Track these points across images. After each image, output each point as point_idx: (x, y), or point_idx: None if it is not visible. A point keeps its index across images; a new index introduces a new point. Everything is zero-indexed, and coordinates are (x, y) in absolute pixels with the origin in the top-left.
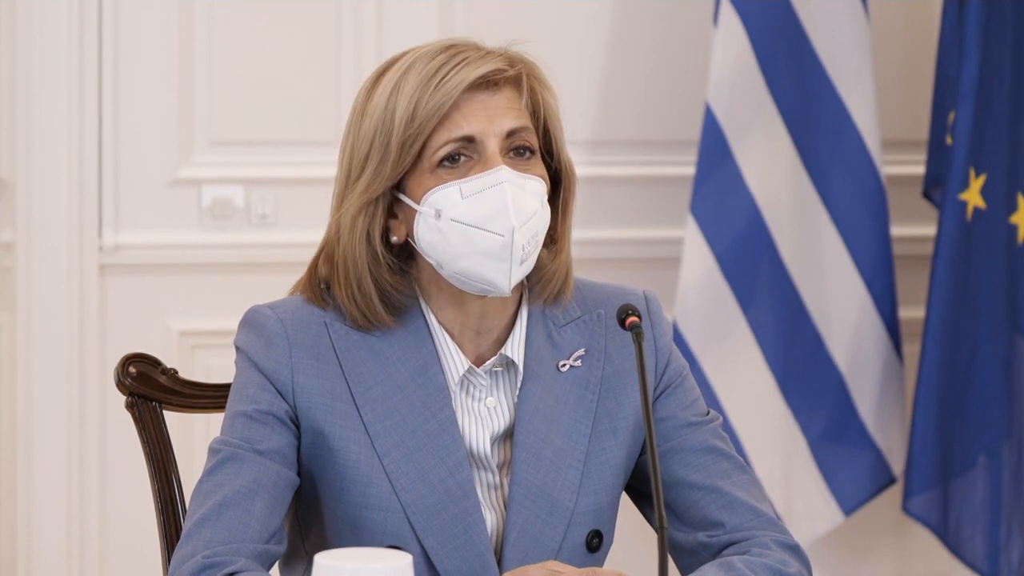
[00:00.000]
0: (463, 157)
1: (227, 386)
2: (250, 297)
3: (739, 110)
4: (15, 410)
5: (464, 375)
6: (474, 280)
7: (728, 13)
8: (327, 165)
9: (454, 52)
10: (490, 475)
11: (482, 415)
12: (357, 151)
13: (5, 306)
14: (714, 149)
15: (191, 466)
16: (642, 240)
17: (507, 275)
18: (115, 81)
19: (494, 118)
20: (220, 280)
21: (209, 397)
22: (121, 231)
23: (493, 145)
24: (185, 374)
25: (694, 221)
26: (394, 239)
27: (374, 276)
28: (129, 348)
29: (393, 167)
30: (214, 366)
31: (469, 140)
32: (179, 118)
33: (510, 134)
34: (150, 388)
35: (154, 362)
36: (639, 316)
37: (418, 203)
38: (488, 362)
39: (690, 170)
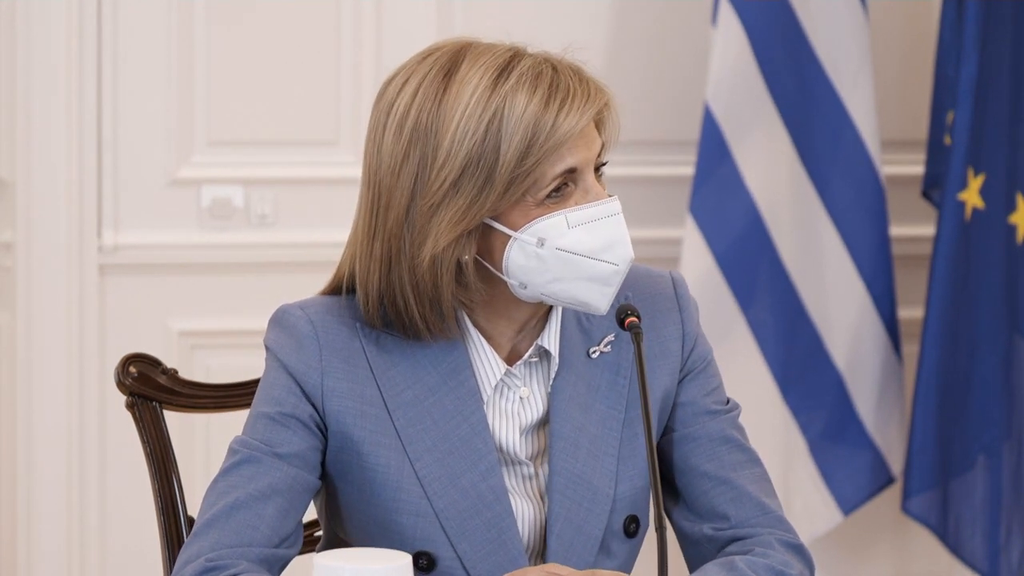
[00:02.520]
0: (568, 186)
1: (227, 386)
2: (250, 297)
3: (738, 110)
4: (15, 410)
5: (501, 378)
6: (566, 300)
7: (727, 13)
8: (327, 165)
9: (555, 83)
10: (523, 468)
11: (513, 413)
12: (435, 171)
13: (5, 306)
14: (713, 149)
15: (191, 466)
16: (641, 240)
17: (609, 298)
18: (115, 81)
19: (590, 144)
20: (220, 280)
21: (209, 397)
22: (121, 231)
23: (591, 172)
24: (185, 374)
25: (693, 221)
26: (465, 258)
27: (458, 299)
28: (129, 348)
29: (496, 200)
30: (214, 366)
31: (572, 171)
32: (179, 118)
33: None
34: (150, 388)
35: (154, 362)
36: (638, 316)
37: (515, 231)
38: (525, 355)
39: (689, 170)
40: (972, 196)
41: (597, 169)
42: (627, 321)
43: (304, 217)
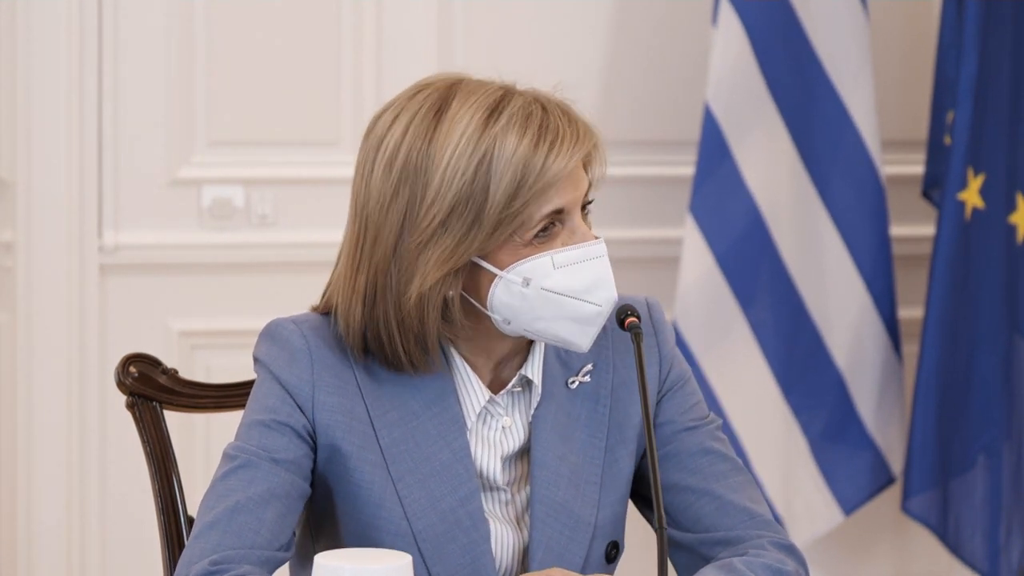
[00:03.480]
0: (555, 225)
1: (227, 386)
2: (250, 297)
3: (739, 110)
4: (15, 410)
5: (484, 406)
6: (548, 338)
7: (728, 13)
8: (327, 165)
9: (545, 124)
10: (502, 493)
11: (495, 441)
12: (424, 209)
13: (5, 306)
14: (714, 149)
15: (191, 466)
16: (642, 240)
17: (591, 337)
18: (115, 81)
19: (577, 185)
20: (220, 280)
21: (209, 397)
22: (121, 231)
23: (578, 213)
24: (185, 374)
25: (694, 221)
26: (450, 295)
27: (441, 334)
28: (129, 348)
29: (484, 240)
30: (214, 366)
31: (559, 211)
32: (179, 118)
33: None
34: (150, 388)
35: (154, 362)
36: (638, 316)
37: (502, 269)
38: (509, 384)
39: (690, 170)
40: (972, 196)
41: (583, 207)
42: (627, 321)
43: (304, 217)
